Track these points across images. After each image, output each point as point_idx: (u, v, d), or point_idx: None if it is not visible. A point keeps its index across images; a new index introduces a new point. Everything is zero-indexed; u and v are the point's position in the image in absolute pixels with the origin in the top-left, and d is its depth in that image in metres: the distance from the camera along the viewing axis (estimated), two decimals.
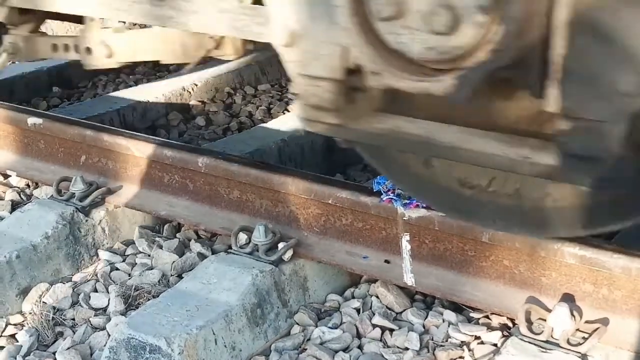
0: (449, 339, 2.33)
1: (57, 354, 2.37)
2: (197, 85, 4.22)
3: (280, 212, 2.66)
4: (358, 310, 2.48)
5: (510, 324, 2.33)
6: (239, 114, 4.10)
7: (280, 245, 2.52)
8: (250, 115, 4.09)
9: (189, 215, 2.84)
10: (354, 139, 1.99)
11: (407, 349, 2.30)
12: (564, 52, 1.53)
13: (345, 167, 3.44)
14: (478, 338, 2.31)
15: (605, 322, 2.11)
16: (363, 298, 2.53)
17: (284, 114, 3.94)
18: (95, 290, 2.68)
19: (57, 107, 4.19)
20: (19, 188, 3.34)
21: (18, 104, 3.66)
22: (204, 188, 2.83)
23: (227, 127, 3.96)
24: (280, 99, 4.25)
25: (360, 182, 3.13)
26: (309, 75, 1.85)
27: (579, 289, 2.17)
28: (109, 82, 4.63)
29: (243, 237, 2.60)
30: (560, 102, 1.58)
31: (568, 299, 2.16)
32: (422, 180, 2.19)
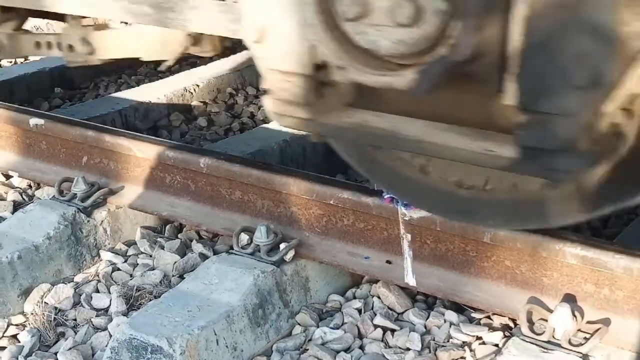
0: (451, 340, 2.33)
1: (58, 355, 2.37)
2: (199, 86, 4.22)
3: (282, 212, 2.66)
4: (359, 311, 2.48)
5: (512, 325, 2.33)
6: (241, 115, 4.10)
7: (282, 246, 2.52)
8: (252, 116, 4.09)
9: (191, 216, 2.84)
10: (324, 133, 2.03)
11: (408, 350, 2.30)
12: (522, 47, 1.59)
13: (347, 167, 3.42)
14: (479, 338, 2.31)
15: (607, 322, 2.11)
16: (364, 298, 2.53)
17: None
18: (97, 291, 2.68)
19: (59, 107, 4.19)
20: (21, 189, 3.34)
21: (20, 105, 3.66)
22: (206, 188, 2.83)
23: (228, 127, 3.96)
24: None
25: (362, 182, 3.13)
26: (279, 71, 1.89)
27: (581, 290, 2.17)
28: (111, 82, 4.63)
29: (245, 237, 2.60)
30: (518, 95, 1.63)
31: (570, 300, 2.16)
32: (419, 186, 2.21)
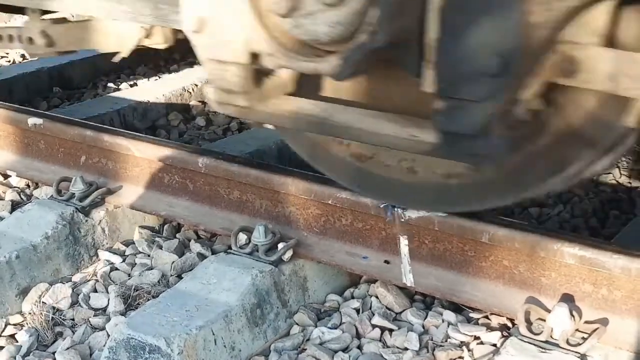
0: (449, 339, 2.33)
1: (56, 354, 2.37)
2: (197, 86, 4.22)
3: (280, 212, 2.66)
4: (357, 311, 2.48)
5: (510, 324, 2.33)
6: None
7: (280, 246, 2.52)
8: None
9: (189, 216, 2.84)
10: (262, 121, 2.11)
11: (406, 349, 2.30)
12: (437, 35, 1.65)
13: None
14: (477, 338, 2.31)
15: (605, 322, 2.11)
16: (362, 298, 2.53)
17: None
18: (95, 291, 2.68)
19: (57, 107, 4.19)
20: (19, 188, 3.34)
21: (18, 104, 3.66)
22: (204, 188, 2.83)
23: (227, 127, 3.96)
24: None
25: None
26: (218, 60, 1.94)
27: (579, 289, 2.17)
28: (110, 82, 4.63)
29: (243, 237, 2.60)
30: (435, 82, 1.69)
31: (567, 299, 2.16)
32: (405, 186, 2.26)
